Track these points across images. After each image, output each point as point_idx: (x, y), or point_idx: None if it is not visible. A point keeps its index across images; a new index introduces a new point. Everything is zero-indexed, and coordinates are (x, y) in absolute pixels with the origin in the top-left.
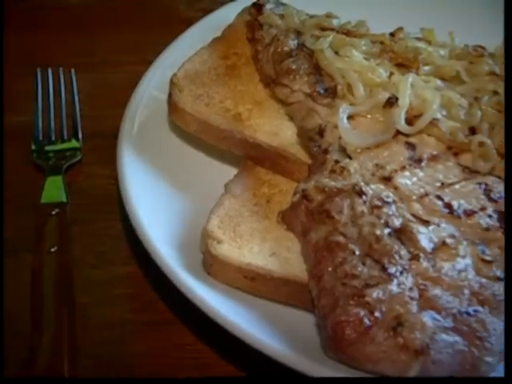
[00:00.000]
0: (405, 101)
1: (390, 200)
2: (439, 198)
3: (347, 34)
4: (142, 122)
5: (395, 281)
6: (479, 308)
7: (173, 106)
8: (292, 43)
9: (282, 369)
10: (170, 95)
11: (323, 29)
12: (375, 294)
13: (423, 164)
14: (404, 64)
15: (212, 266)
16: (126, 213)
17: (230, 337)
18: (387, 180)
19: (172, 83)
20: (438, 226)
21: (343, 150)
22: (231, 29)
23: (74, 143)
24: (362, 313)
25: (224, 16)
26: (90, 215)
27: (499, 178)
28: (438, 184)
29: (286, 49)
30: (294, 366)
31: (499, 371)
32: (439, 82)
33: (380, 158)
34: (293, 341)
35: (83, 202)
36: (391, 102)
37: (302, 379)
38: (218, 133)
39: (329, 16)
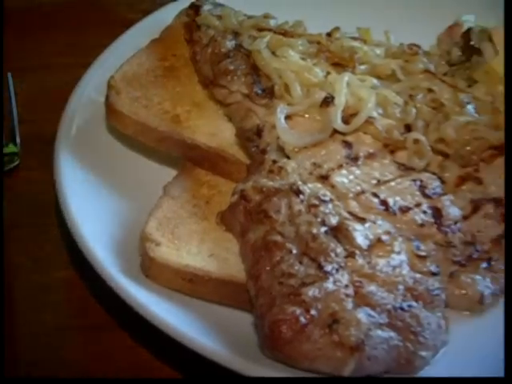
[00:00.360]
0: (341, 100)
1: (326, 198)
2: (375, 195)
3: (284, 34)
4: (81, 124)
5: (331, 278)
6: (413, 303)
7: (110, 108)
8: (229, 44)
9: (219, 369)
10: (107, 98)
11: (260, 29)
12: (311, 292)
13: (360, 162)
14: (340, 63)
15: (150, 269)
16: (64, 217)
17: (167, 338)
18: (324, 179)
19: (109, 85)
20: (374, 223)
21: (281, 150)
22: (169, 30)
23: (11, 148)
24: (298, 311)
25: (163, 17)
26: (28, 220)
27: (434, 174)
28: (374, 181)
29: (223, 50)
30: (230, 366)
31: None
32: (375, 81)
33: (317, 156)
34: (231, 341)
35: (21, 207)
36: (327, 101)
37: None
38: (156, 135)
39: (266, 16)
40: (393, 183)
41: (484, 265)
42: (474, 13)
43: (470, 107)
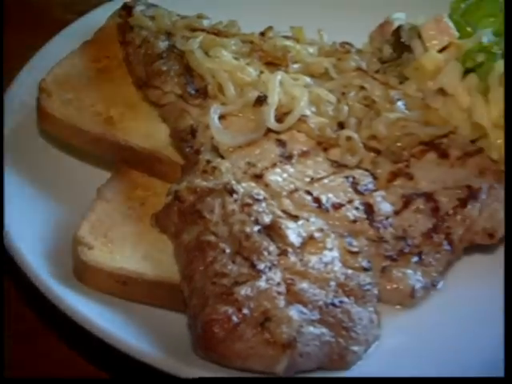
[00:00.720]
0: (274, 99)
1: (260, 197)
2: (308, 192)
3: (218, 34)
4: (12, 128)
5: (264, 277)
6: (345, 299)
7: (42, 111)
8: (162, 45)
9: (153, 371)
10: (38, 101)
11: (194, 29)
12: (243, 291)
13: (294, 160)
14: (274, 62)
15: (83, 273)
16: None
17: (101, 341)
18: (258, 177)
19: (40, 88)
20: (307, 220)
21: (215, 150)
22: (103, 31)
23: None
24: (231, 310)
25: (96, 19)
26: None
27: (367, 170)
28: (308, 179)
29: (156, 50)
30: (162, 367)
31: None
32: (308, 79)
33: (252, 156)
34: (165, 342)
35: None
36: (261, 100)
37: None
38: (89, 137)
39: (200, 17)
40: (326, 180)
41: (415, 259)
42: (405, 10)
43: (400, 104)
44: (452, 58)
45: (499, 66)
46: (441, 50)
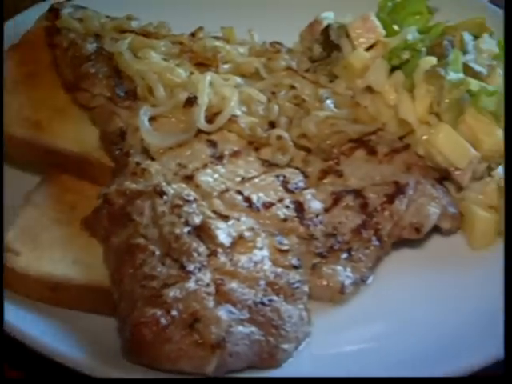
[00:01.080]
0: (203, 99)
1: (190, 198)
2: (239, 192)
3: (147, 35)
4: None
5: (193, 278)
6: (274, 297)
7: None
8: (90, 47)
9: (83, 377)
10: None
11: (123, 31)
12: (172, 293)
13: (225, 160)
14: (204, 63)
15: (10, 280)
16: None
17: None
18: (189, 179)
19: None
20: (238, 220)
21: (146, 152)
22: (29, 35)
23: None
24: (159, 313)
25: (23, 21)
26: None
27: (298, 169)
28: (239, 179)
29: (84, 53)
30: (92, 373)
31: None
32: (239, 80)
33: (183, 157)
34: (95, 348)
35: None
36: (191, 101)
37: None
38: (17, 142)
39: (129, 18)
40: (257, 180)
41: (344, 255)
42: (334, 9)
43: (328, 102)
44: (379, 56)
45: (424, 62)
46: (368, 49)
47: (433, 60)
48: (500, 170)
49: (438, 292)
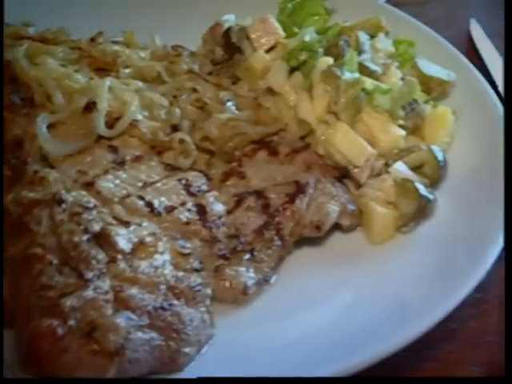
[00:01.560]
0: (103, 105)
1: (90, 205)
2: (141, 197)
3: (45, 41)
4: None
5: (91, 286)
6: (175, 301)
7: None
8: None
9: None
10: None
11: (20, 38)
12: (69, 302)
13: (126, 166)
14: (104, 68)
15: None
16: None
17: None
18: (89, 185)
19: None
20: (139, 225)
21: (45, 160)
22: None
23: None
24: (56, 323)
25: None
26: None
27: (201, 172)
28: (141, 184)
29: None
30: None
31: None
32: (140, 84)
33: (83, 163)
34: None
35: None
36: (89, 106)
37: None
38: None
39: (26, 25)
40: (159, 184)
41: (247, 256)
42: (235, 12)
43: (230, 104)
44: (279, 57)
45: (320, 63)
46: (269, 50)
47: (329, 60)
48: (396, 166)
49: (340, 287)
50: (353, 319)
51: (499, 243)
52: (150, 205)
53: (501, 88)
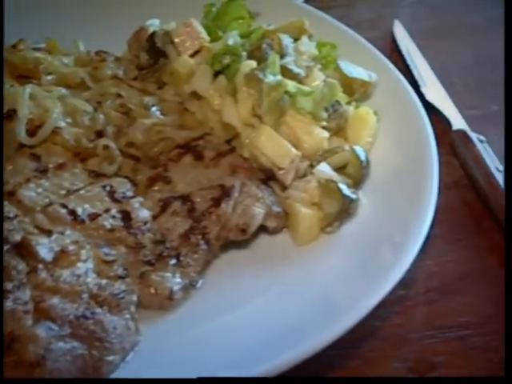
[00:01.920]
0: (23, 112)
1: (11, 215)
2: (64, 205)
3: None
4: None
5: (11, 297)
6: (97, 310)
7: None
8: None
9: None
10: None
11: None
12: None
13: (49, 174)
14: (26, 75)
15: None
16: None
17: None
18: (11, 195)
19: None
20: (62, 234)
21: None
22: None
23: None
24: None
25: None
26: None
27: (126, 177)
28: (64, 192)
29: None
30: None
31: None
32: (64, 90)
33: (5, 173)
34: None
35: None
36: (10, 114)
37: None
38: None
39: None
40: (82, 191)
41: (173, 261)
42: (159, 17)
43: (154, 109)
44: (203, 61)
45: (244, 66)
46: (193, 54)
47: (252, 64)
48: (320, 168)
49: (267, 288)
50: (280, 320)
51: (420, 239)
52: (73, 213)
53: (423, 88)
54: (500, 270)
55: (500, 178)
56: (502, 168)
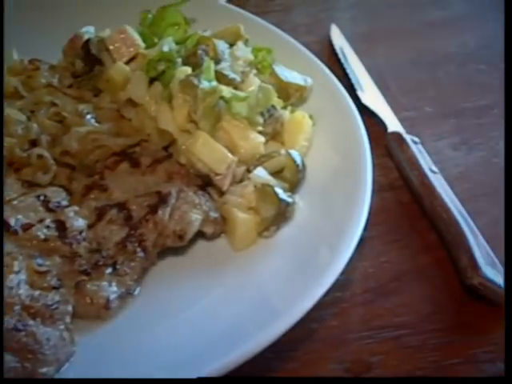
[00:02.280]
0: None
1: None
2: None
3: None
4: None
5: None
6: (30, 321)
7: None
8: None
9: None
10: None
11: None
12: None
13: None
14: None
15: None
16: None
17: None
18: None
19: None
20: None
21: None
22: None
23: None
24: None
25: None
26: None
27: (62, 187)
28: None
29: None
30: None
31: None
32: None
33: None
34: None
35: None
36: None
37: None
38: None
39: None
40: (15, 202)
41: (109, 270)
42: (94, 24)
43: (89, 117)
44: (139, 68)
45: (179, 72)
46: (129, 61)
47: (187, 70)
48: (256, 172)
49: (206, 293)
50: (218, 324)
51: (354, 241)
52: (5, 224)
53: (359, 92)
54: (434, 269)
55: (433, 178)
56: (435, 168)
